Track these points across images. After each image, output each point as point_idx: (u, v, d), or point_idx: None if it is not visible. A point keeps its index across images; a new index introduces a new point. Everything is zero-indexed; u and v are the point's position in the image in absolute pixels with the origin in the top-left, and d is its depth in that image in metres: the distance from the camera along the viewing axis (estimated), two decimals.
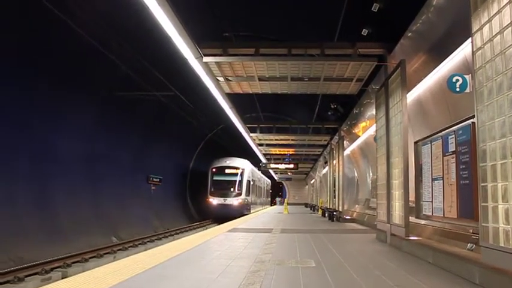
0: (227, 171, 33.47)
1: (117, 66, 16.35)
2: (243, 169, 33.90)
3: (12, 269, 10.96)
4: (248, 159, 36.06)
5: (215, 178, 33.14)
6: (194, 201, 37.67)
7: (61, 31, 13.32)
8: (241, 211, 31.49)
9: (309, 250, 8.37)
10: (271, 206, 58.96)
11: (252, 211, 35.20)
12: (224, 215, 29.23)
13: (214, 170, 33.56)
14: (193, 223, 31.52)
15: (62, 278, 9.68)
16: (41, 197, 15.78)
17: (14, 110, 13.95)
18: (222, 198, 31.96)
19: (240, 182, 33.20)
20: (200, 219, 34.16)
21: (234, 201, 32.17)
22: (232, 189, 32.89)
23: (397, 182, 8.54)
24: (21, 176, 14.84)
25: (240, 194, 32.75)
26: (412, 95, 9.30)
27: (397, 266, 6.46)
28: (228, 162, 33.98)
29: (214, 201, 32.04)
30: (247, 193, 33.80)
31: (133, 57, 16.38)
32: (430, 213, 7.16)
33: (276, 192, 70.15)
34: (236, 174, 33.41)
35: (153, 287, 4.81)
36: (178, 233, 24.50)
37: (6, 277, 10.35)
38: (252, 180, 36.27)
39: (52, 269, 11.88)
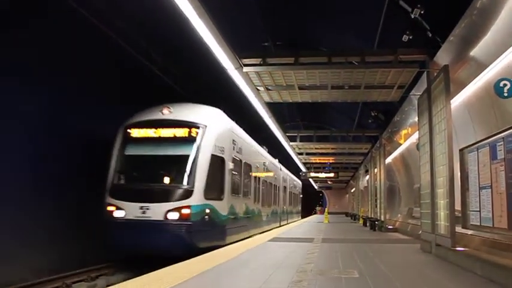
0: (163, 132, 12.51)
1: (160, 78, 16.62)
2: (206, 128, 12.38)
3: None
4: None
5: (128, 152, 12.64)
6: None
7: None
8: (192, 242, 11.29)
9: (351, 260, 8.24)
10: (303, 217, 45.28)
11: (252, 233, 17.43)
12: (145, 252, 11.22)
13: (128, 132, 12.74)
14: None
15: None
16: None
17: None
18: (139, 206, 11.25)
19: (196, 160, 11.85)
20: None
21: (171, 213, 11.16)
22: (170, 179, 12.14)
23: (441, 191, 8.31)
24: None
25: (188, 194, 11.45)
26: (456, 101, 9.04)
27: (444, 278, 6.27)
28: (165, 112, 12.72)
29: (119, 213, 11.49)
30: (218, 191, 12.96)
31: (175, 70, 16.65)
32: (478, 223, 6.91)
33: (316, 201, 69.34)
34: (185, 142, 12.23)
35: None
36: None
37: None
38: (243, 162, 16.13)
39: None
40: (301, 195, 43.61)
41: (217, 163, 12.51)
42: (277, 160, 27.02)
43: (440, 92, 8.40)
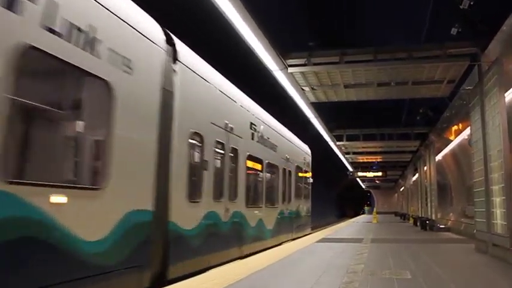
0: None
1: None
2: None
3: None
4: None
5: None
6: None
7: None
8: None
9: (402, 261, 8.07)
10: (351, 217, 43.83)
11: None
12: None
13: None
14: None
15: None
16: None
17: None
18: None
19: None
20: None
21: None
22: None
23: (497, 188, 8.00)
24: None
25: None
26: (511, 95, 8.70)
27: (502, 279, 6.04)
28: None
29: None
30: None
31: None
32: None
33: (363, 201, 68.22)
34: None
35: None
36: None
37: None
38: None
39: None
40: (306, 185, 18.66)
41: None
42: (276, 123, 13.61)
43: (493, 85, 8.10)
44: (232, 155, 9.10)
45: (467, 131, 11.93)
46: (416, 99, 15.54)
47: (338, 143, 23.07)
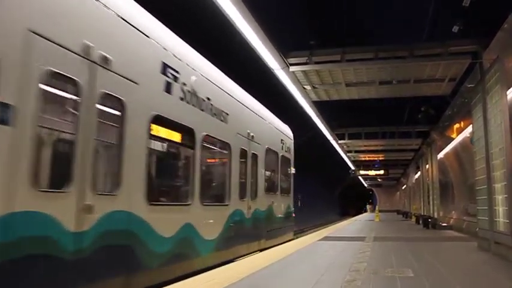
0: None
1: None
2: None
3: None
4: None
5: None
6: None
7: None
8: None
9: (405, 259, 8.06)
10: (353, 215, 44.22)
11: None
12: None
13: None
14: None
15: None
16: None
17: None
18: None
19: None
20: None
21: None
22: None
23: (499, 186, 7.99)
24: None
25: None
26: None
27: (505, 277, 6.03)
28: None
29: None
30: None
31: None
32: None
33: (366, 200, 68.18)
34: None
35: None
36: None
37: None
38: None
39: None
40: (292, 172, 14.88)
41: None
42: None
43: (495, 83, 8.08)
44: (107, 109, 5.17)
45: (469, 129, 11.91)
46: (418, 97, 15.50)
47: (340, 141, 23.05)
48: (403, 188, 44.87)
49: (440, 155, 19.75)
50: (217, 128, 8.28)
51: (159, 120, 6.13)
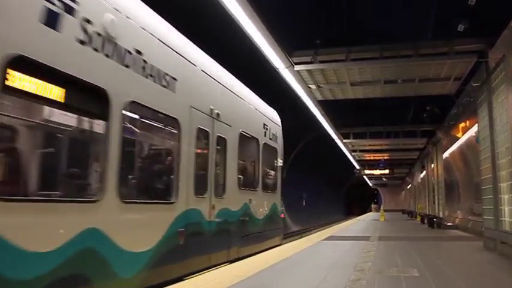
0: None
1: None
2: None
3: None
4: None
5: None
6: None
7: None
8: None
9: (409, 258, 8.04)
10: (358, 215, 44.19)
11: None
12: None
13: None
14: None
15: None
16: None
17: None
18: None
19: None
20: None
21: None
22: None
23: (505, 185, 7.96)
24: None
25: None
26: None
27: (511, 277, 6.00)
28: None
29: None
30: None
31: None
32: None
33: (371, 199, 68.04)
34: None
35: None
36: None
37: None
38: None
39: None
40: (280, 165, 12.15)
41: None
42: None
43: (501, 82, 8.05)
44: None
45: (475, 128, 11.86)
46: (423, 96, 15.47)
47: (345, 140, 23.04)
48: (408, 187, 44.78)
49: (446, 154, 19.69)
50: (153, 95, 5.91)
51: (49, 75, 4.10)
